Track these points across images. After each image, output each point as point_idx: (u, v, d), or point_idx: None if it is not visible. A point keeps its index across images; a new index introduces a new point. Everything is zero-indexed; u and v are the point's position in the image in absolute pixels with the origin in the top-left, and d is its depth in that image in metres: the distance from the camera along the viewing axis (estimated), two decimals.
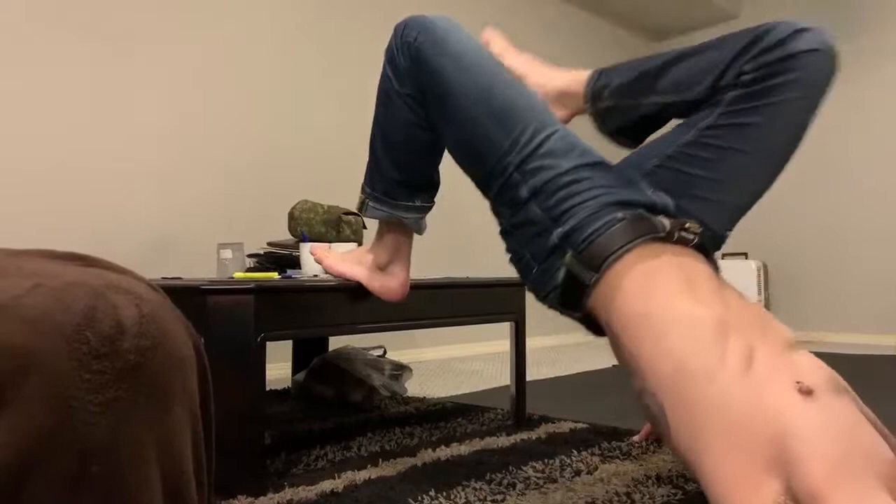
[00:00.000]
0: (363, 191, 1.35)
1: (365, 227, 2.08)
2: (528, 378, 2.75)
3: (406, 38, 1.18)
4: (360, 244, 2.00)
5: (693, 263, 1.03)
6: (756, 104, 1.07)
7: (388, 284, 1.42)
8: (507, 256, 1.17)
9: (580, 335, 4.70)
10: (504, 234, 1.16)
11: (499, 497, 1.23)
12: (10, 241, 2.31)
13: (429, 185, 1.34)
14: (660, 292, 0.96)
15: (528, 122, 1.09)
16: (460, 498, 1.22)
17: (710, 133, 1.10)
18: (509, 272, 1.27)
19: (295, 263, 1.89)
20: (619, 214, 1.02)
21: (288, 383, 2.56)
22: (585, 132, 1.19)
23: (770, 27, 1.06)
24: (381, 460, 1.48)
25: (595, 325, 1.10)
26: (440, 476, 1.36)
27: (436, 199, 1.36)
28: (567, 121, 1.30)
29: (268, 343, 1.36)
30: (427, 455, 1.52)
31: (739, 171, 1.10)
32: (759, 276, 4.69)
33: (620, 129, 1.23)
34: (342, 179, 3.29)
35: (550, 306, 1.13)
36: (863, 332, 4.52)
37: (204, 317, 1.28)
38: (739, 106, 1.08)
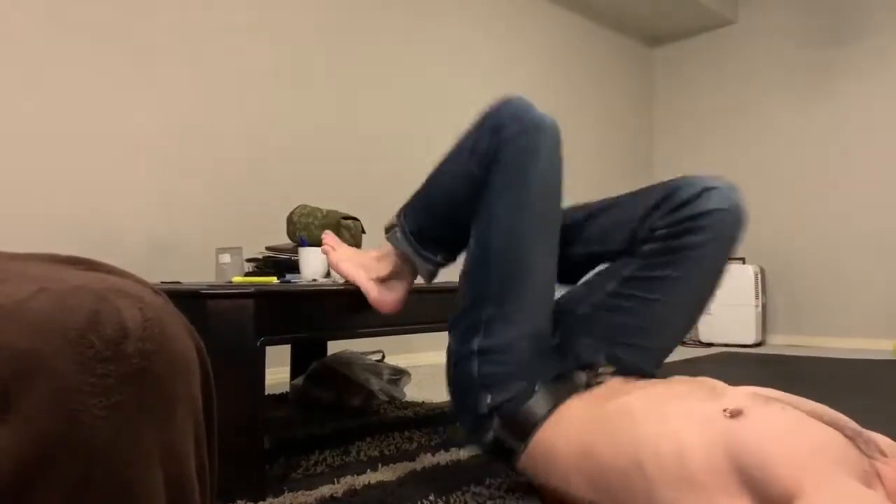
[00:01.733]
0: (398, 215, 1.36)
1: (364, 232, 2.08)
2: None
3: (504, 127, 1.16)
4: (359, 248, 1.99)
5: (604, 386, 1.11)
6: (669, 259, 1.14)
7: (384, 296, 1.41)
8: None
9: None
10: (452, 365, 1.22)
11: (498, 501, 1.23)
12: (12, 246, 2.31)
13: (455, 248, 1.35)
14: (580, 422, 1.03)
15: (527, 302, 1.16)
16: (460, 503, 1.22)
17: (630, 284, 1.18)
18: None
19: (294, 268, 1.89)
20: (543, 388, 1.11)
21: (286, 388, 2.56)
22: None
23: (679, 185, 1.14)
24: (380, 465, 1.48)
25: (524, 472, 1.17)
26: (439, 481, 1.36)
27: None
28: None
29: (266, 347, 1.36)
30: (426, 460, 1.52)
31: (659, 319, 1.18)
32: (756, 281, 4.70)
33: (558, 274, 1.30)
34: (341, 184, 3.29)
35: (483, 452, 1.24)
36: (859, 336, 4.52)
37: (203, 321, 1.28)
38: (655, 259, 1.16)
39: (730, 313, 4.67)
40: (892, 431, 0.99)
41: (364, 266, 1.44)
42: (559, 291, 1.26)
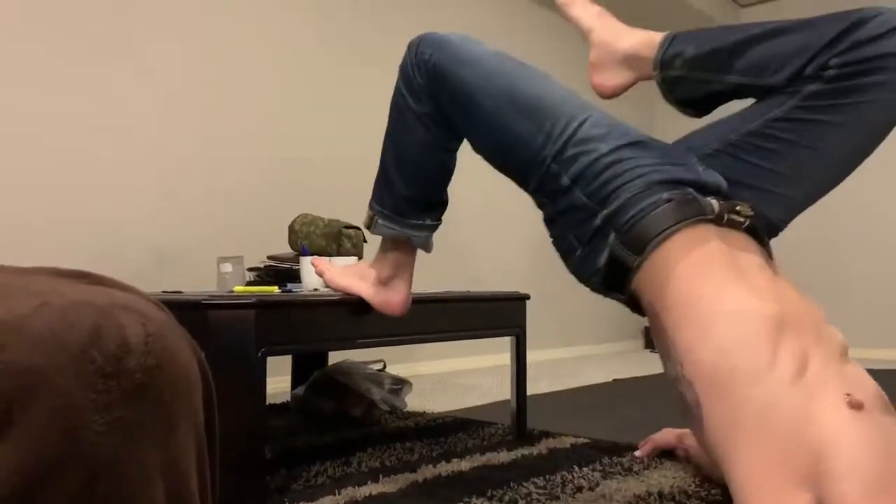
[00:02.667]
0: (371, 207, 1.35)
1: (366, 241, 2.08)
2: (529, 392, 2.74)
3: (422, 56, 1.18)
4: (360, 258, 2.00)
5: (746, 250, 0.99)
6: (837, 102, 1.00)
7: (390, 299, 1.41)
8: (550, 241, 1.15)
9: (580, 349, 4.69)
10: (548, 221, 1.14)
11: None
12: (12, 257, 2.31)
13: (439, 204, 1.34)
14: (708, 279, 0.92)
15: (558, 114, 1.07)
16: None
17: (779, 125, 1.04)
18: (510, 286, 1.27)
19: (295, 277, 1.89)
20: (665, 195, 0.98)
21: (287, 397, 2.55)
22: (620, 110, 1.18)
23: (864, 17, 0.98)
24: (381, 476, 1.47)
25: (638, 306, 1.07)
26: (441, 492, 1.36)
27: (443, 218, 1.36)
28: (631, 85, 1.25)
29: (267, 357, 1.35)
30: (428, 471, 1.52)
31: (805, 169, 1.05)
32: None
33: (687, 99, 1.18)
34: (343, 193, 3.29)
35: (593, 289, 1.11)
36: (863, 346, 4.51)
37: (204, 332, 1.28)
38: (818, 102, 1.01)
39: None
40: None
41: (361, 275, 1.45)
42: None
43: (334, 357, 2.51)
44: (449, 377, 3.44)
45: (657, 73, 1.18)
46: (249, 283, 1.96)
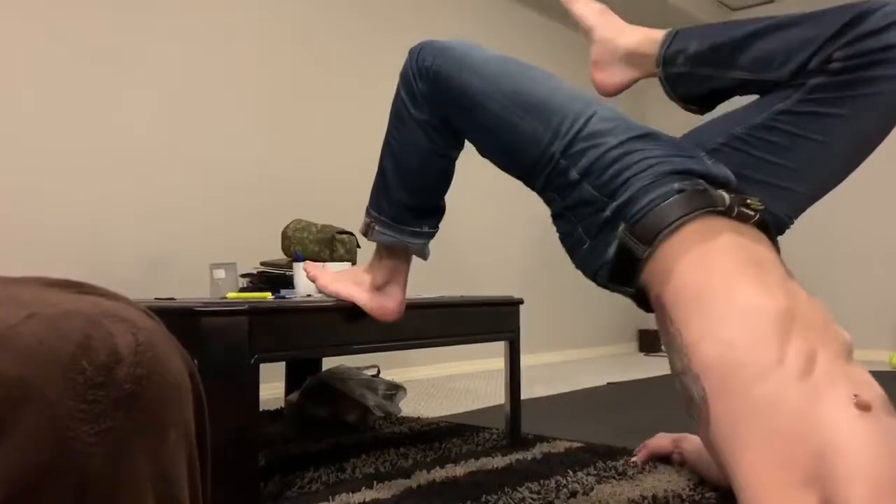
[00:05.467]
0: (368, 214, 1.34)
1: (359, 246, 2.08)
2: (523, 397, 2.74)
3: (423, 63, 1.18)
4: (354, 263, 1.99)
5: (756, 245, 0.98)
6: (842, 95, 1.00)
7: (384, 305, 1.41)
8: (557, 237, 1.14)
9: (574, 353, 4.70)
10: (555, 217, 1.13)
11: None
12: (4, 262, 2.30)
13: (437, 211, 1.34)
14: (719, 273, 0.92)
15: (565, 111, 1.06)
16: None
17: (784, 118, 1.04)
18: (504, 291, 1.27)
19: (288, 283, 1.89)
20: (676, 185, 0.97)
21: (281, 403, 2.54)
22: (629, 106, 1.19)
23: (867, 10, 0.98)
24: (375, 482, 1.47)
25: (645, 302, 1.06)
26: (435, 498, 1.35)
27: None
28: (633, 82, 1.25)
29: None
30: (422, 476, 1.51)
31: (812, 162, 1.05)
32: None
33: (690, 96, 1.18)
34: (336, 198, 3.29)
35: (600, 283, 1.09)
36: (857, 347, 4.52)
37: (197, 339, 1.27)
38: (823, 95, 1.01)
39: None
40: None
41: (355, 281, 1.44)
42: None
43: (328, 363, 2.50)
44: (443, 382, 3.44)
45: (660, 70, 1.17)
46: (243, 290, 1.95)
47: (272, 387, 2.82)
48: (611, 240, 1.03)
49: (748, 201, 1.01)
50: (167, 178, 2.77)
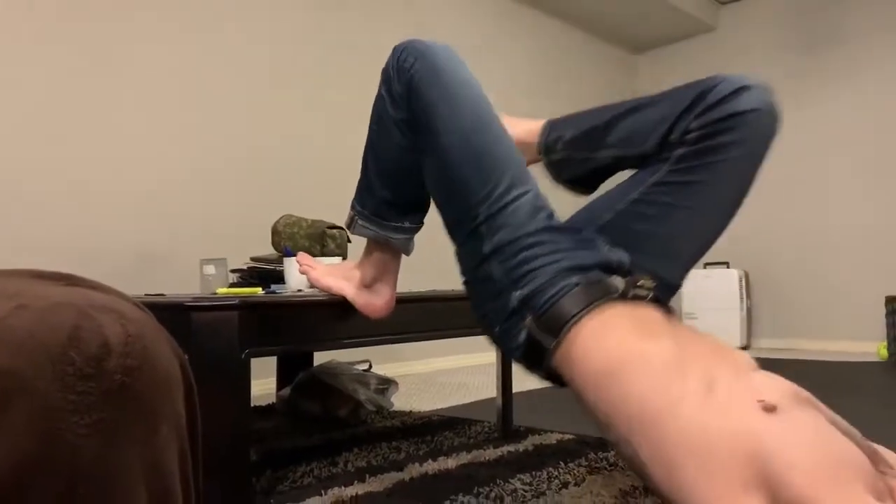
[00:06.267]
0: (353, 208, 1.35)
1: (349, 241, 2.07)
2: (515, 390, 2.75)
3: (403, 63, 1.18)
4: (344, 258, 1.99)
5: (648, 314, 1.05)
6: (701, 162, 1.09)
7: (372, 302, 1.41)
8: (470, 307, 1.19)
9: None
10: (465, 284, 1.18)
11: None
12: None
13: (418, 207, 1.34)
14: (612, 342, 0.99)
15: (504, 174, 1.10)
16: None
17: (657, 189, 1.13)
18: None
19: (279, 278, 1.88)
20: (574, 279, 1.05)
21: (273, 399, 2.54)
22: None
23: (713, 84, 1.09)
24: (368, 476, 1.47)
25: (560, 380, 1.12)
26: (428, 490, 1.36)
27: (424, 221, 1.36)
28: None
29: (252, 358, 1.35)
30: (414, 469, 1.52)
31: (686, 228, 1.14)
32: (740, 284, 4.73)
33: (574, 178, 1.26)
34: (326, 193, 3.28)
35: (516, 360, 1.15)
36: (845, 338, 4.56)
37: (187, 334, 1.27)
38: (685, 164, 1.10)
39: (715, 317, 4.69)
40: (881, 434, 0.99)
41: (346, 277, 1.44)
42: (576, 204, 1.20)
43: (319, 358, 2.50)
44: (435, 376, 3.44)
45: (542, 157, 1.28)
46: (233, 285, 1.95)
47: (264, 383, 2.82)
48: (520, 328, 1.09)
49: (640, 283, 1.08)
50: (156, 175, 2.76)
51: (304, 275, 1.50)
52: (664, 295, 1.13)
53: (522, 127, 1.32)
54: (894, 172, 4.44)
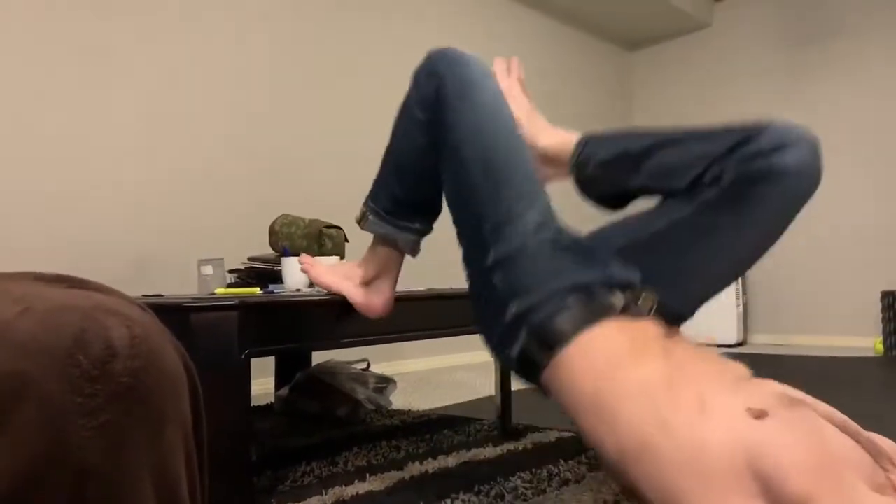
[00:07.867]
0: (365, 204, 1.36)
1: (347, 241, 2.08)
2: (514, 388, 2.76)
3: (435, 68, 1.19)
4: (342, 257, 1.99)
5: (643, 330, 1.05)
6: (732, 208, 1.08)
7: (371, 301, 1.41)
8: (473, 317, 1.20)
9: None
10: (469, 289, 1.18)
11: None
12: None
13: (431, 210, 1.35)
14: (603, 366, 0.99)
15: (515, 189, 1.11)
16: None
17: (681, 226, 1.13)
18: None
19: (277, 278, 1.88)
20: (571, 298, 1.04)
21: (272, 398, 2.54)
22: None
23: (760, 131, 1.06)
24: (368, 475, 1.47)
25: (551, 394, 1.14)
26: (428, 489, 1.36)
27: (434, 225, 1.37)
28: (549, 181, 1.32)
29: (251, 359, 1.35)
30: (414, 468, 1.52)
31: (703, 269, 1.14)
32: (737, 280, 4.74)
33: (602, 197, 1.26)
34: (323, 193, 3.28)
35: (512, 371, 1.16)
36: (841, 334, 4.57)
37: (187, 334, 1.27)
38: (714, 206, 1.09)
39: (711, 313, 4.70)
40: (878, 430, 1.00)
41: (346, 275, 1.45)
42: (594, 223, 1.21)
43: (318, 357, 2.50)
44: (433, 375, 3.44)
45: (573, 174, 1.28)
46: (230, 285, 1.95)
47: (262, 383, 2.82)
48: (516, 341, 1.09)
49: (641, 299, 1.09)
50: (153, 176, 2.76)
51: (304, 273, 1.50)
52: (672, 321, 1.14)
53: (557, 138, 1.32)
54: (890, 168, 4.46)
